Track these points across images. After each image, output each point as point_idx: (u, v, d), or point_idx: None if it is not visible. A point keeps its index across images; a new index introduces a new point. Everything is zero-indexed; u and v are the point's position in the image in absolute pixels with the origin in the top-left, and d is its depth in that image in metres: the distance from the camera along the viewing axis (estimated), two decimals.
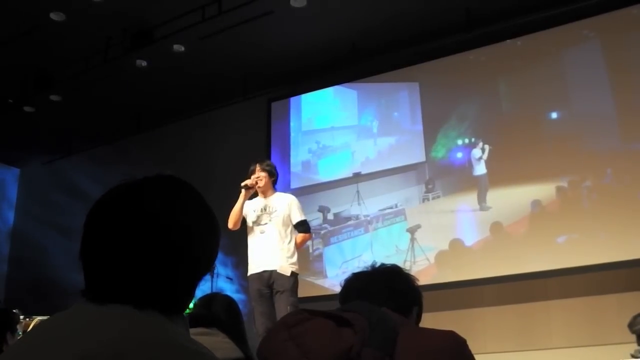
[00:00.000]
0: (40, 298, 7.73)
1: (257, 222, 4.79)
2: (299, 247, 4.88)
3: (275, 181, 4.92)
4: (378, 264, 1.74)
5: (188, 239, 1.05)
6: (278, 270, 4.61)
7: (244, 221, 4.86)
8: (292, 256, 4.69)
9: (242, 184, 4.81)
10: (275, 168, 4.91)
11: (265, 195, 4.85)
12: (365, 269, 1.73)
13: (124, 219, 1.02)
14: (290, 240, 4.75)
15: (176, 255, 1.03)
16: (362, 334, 1.29)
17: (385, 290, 1.63)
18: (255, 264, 4.72)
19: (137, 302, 0.98)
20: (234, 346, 2.00)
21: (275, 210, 4.76)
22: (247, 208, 4.90)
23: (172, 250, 1.02)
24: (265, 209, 4.80)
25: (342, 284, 1.73)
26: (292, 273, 4.63)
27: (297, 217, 4.81)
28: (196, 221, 1.08)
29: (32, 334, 1.01)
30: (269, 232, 4.72)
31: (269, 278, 4.64)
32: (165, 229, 1.03)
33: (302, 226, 4.83)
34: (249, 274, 4.76)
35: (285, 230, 4.74)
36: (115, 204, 1.05)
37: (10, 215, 9.79)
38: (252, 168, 4.86)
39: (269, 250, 4.68)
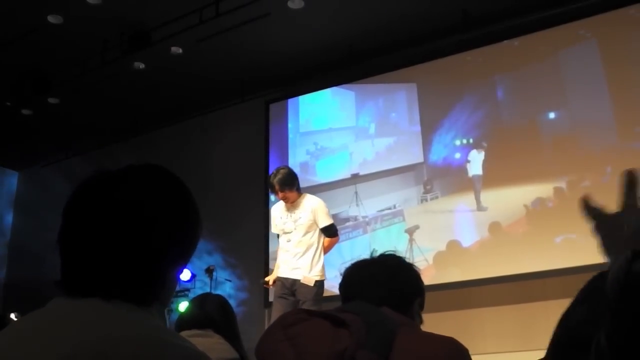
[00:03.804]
0: (39, 301, 7.71)
1: (283, 230, 4.78)
2: (327, 251, 4.87)
3: (297, 185, 4.84)
4: (378, 255, 1.69)
5: (163, 227, 1.03)
6: (302, 281, 4.62)
7: None
8: (317, 264, 4.68)
9: (263, 283, 5.03)
10: (289, 174, 4.79)
11: (292, 202, 4.81)
12: (365, 259, 1.70)
13: (96, 206, 1.01)
14: (317, 247, 4.72)
15: (150, 244, 1.01)
16: (358, 335, 1.28)
17: (385, 285, 1.59)
18: (282, 269, 4.76)
19: (112, 294, 0.96)
20: (229, 347, 2.00)
21: (300, 218, 4.73)
22: (275, 214, 4.91)
23: (145, 238, 1.01)
24: (290, 216, 4.78)
25: (342, 274, 1.70)
26: (316, 282, 4.63)
27: (323, 222, 4.77)
28: (172, 210, 1.06)
29: (10, 333, 0.98)
30: (294, 240, 4.72)
31: (292, 285, 4.66)
32: (139, 216, 1.01)
33: (328, 231, 4.81)
34: (277, 275, 4.80)
35: (311, 237, 4.72)
36: (89, 191, 1.04)
37: (9, 218, 9.77)
38: (270, 184, 4.79)
39: (294, 258, 4.68)
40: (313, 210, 4.76)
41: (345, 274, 1.68)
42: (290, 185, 4.75)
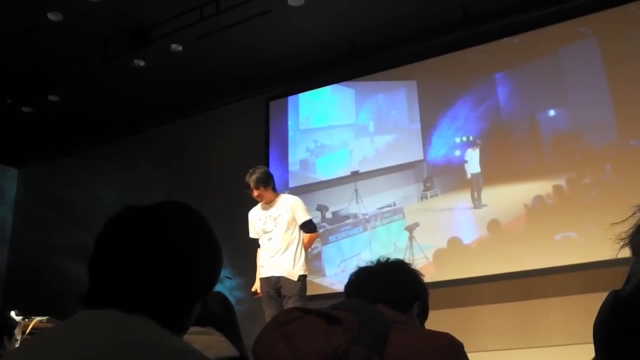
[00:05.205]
0: (39, 299, 7.73)
1: (264, 230, 4.86)
2: (307, 247, 4.96)
3: (272, 185, 4.92)
4: (384, 259, 1.73)
5: (187, 264, 1.11)
6: (285, 276, 4.70)
7: None
8: (299, 260, 4.77)
9: (252, 294, 5.05)
10: (265, 173, 4.88)
11: (268, 202, 4.87)
12: (370, 263, 1.73)
13: (126, 242, 1.10)
14: (297, 243, 4.82)
15: (174, 278, 1.09)
16: (351, 332, 1.29)
17: (386, 283, 1.62)
18: (264, 269, 4.82)
19: (132, 310, 1.03)
20: (230, 344, 2.00)
21: (279, 215, 4.83)
22: (253, 217, 4.97)
23: (170, 273, 1.09)
24: (269, 215, 4.85)
25: (349, 278, 1.73)
26: (300, 277, 4.72)
27: (302, 218, 4.88)
28: (197, 248, 1.14)
29: (34, 338, 1.09)
30: (275, 238, 4.80)
31: (277, 282, 4.72)
32: (165, 253, 1.09)
33: (307, 227, 4.91)
34: (260, 276, 4.87)
35: (292, 234, 4.81)
36: (119, 226, 1.13)
37: (9, 216, 9.78)
38: (246, 184, 4.87)
39: (277, 255, 4.77)
40: (292, 206, 4.85)
41: (350, 276, 1.71)
42: (265, 184, 4.83)
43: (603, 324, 0.82)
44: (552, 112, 6.07)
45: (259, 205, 4.96)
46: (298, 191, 6.75)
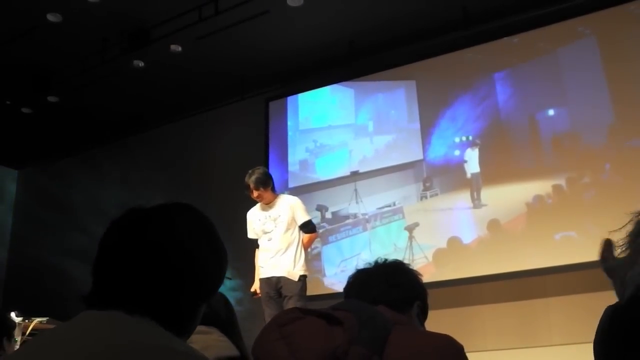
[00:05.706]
0: (39, 300, 7.73)
1: (263, 230, 4.86)
2: (307, 247, 4.98)
3: (272, 186, 4.93)
4: (382, 260, 1.74)
5: (190, 265, 1.11)
6: (286, 276, 4.71)
7: None
8: (299, 260, 4.79)
9: (252, 294, 5.04)
10: (264, 174, 4.90)
11: (268, 203, 4.88)
12: (369, 265, 1.74)
13: (129, 247, 1.10)
14: (297, 244, 4.83)
15: (178, 278, 1.09)
16: (351, 332, 1.29)
17: (384, 284, 1.63)
18: (264, 269, 4.83)
19: (135, 312, 1.03)
20: (230, 344, 2.00)
21: (279, 216, 4.84)
22: (252, 218, 4.97)
23: (173, 273, 1.08)
24: (269, 216, 4.85)
25: (348, 280, 1.74)
26: (300, 277, 4.72)
27: (301, 218, 4.90)
28: (200, 251, 1.14)
29: (36, 339, 1.09)
30: (275, 238, 4.81)
31: (277, 283, 4.72)
32: (168, 258, 1.09)
33: (306, 227, 4.93)
34: (259, 277, 4.87)
35: (292, 234, 4.82)
36: (126, 227, 1.13)
37: (9, 217, 9.78)
38: (246, 185, 4.88)
39: (277, 256, 4.78)
40: (291, 207, 4.87)
41: (349, 278, 1.72)
42: (265, 185, 4.84)
43: (603, 333, 0.83)
44: (551, 112, 6.07)
45: (258, 205, 4.97)
46: (298, 191, 6.76)
